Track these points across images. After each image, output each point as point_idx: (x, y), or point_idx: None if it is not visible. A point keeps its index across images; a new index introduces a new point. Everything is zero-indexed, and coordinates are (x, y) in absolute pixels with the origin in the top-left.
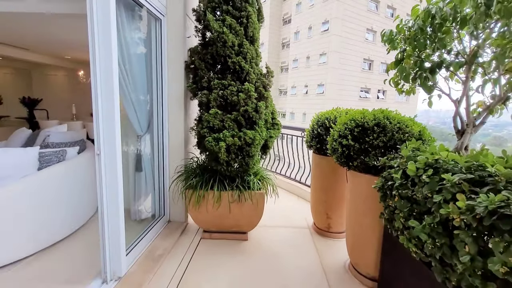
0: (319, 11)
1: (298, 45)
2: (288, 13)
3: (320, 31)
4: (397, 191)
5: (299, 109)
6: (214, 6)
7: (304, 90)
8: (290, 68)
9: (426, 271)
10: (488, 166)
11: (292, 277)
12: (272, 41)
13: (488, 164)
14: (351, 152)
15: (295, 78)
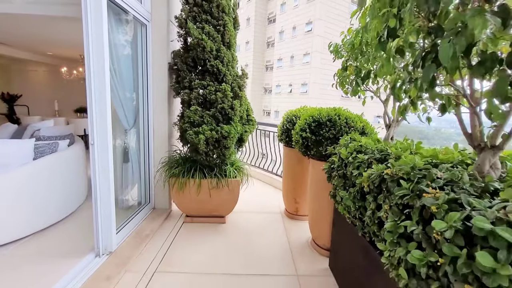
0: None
1: (283, 44)
2: (273, 13)
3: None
4: (336, 171)
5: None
6: (194, 15)
7: (288, 89)
8: (275, 67)
9: (355, 231)
10: (389, 149)
11: (263, 251)
12: (257, 40)
13: (389, 148)
14: (309, 143)
15: (279, 77)
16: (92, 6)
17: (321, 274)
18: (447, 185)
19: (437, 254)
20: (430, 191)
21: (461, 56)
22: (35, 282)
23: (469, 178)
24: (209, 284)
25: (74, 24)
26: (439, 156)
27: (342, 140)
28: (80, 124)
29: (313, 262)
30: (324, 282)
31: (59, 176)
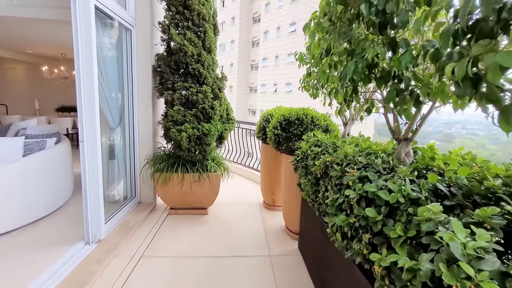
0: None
1: (268, 44)
2: (258, 12)
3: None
4: (299, 163)
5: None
6: (176, 22)
7: (273, 88)
8: (260, 66)
9: (314, 212)
10: (338, 142)
11: (242, 237)
12: (242, 39)
13: (339, 142)
14: (280, 139)
15: (264, 76)
16: (81, 14)
17: (291, 254)
18: (365, 167)
19: (354, 217)
20: (350, 171)
21: (366, 72)
22: (30, 267)
23: (381, 161)
24: (194, 265)
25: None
26: (373, 147)
27: (305, 136)
28: (63, 123)
29: (285, 245)
30: (293, 260)
31: (47, 172)
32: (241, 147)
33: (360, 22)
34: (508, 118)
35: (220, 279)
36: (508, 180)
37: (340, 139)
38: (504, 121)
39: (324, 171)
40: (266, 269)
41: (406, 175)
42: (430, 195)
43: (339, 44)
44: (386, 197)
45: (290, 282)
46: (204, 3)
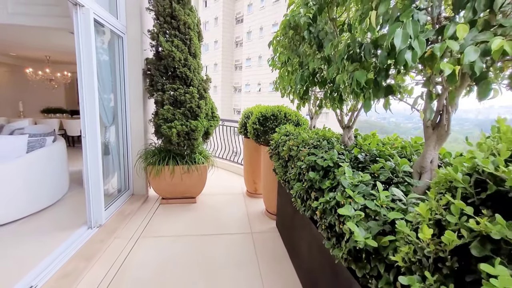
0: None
1: (251, 44)
2: (241, 13)
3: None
4: (273, 151)
5: None
6: (164, 31)
7: (257, 88)
8: (244, 66)
9: (286, 190)
10: (301, 131)
11: (227, 219)
12: (226, 39)
13: (301, 131)
14: (258, 132)
15: (248, 76)
16: (83, 26)
17: (269, 231)
18: (315, 147)
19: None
20: (303, 150)
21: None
22: (42, 247)
23: (326, 143)
24: (186, 242)
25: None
26: (327, 134)
27: (277, 129)
28: (49, 124)
29: (264, 224)
30: (271, 235)
31: (48, 167)
32: (227, 144)
33: (305, 43)
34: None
35: (209, 251)
36: (402, 150)
37: (304, 130)
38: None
39: (289, 155)
40: (248, 242)
41: (338, 150)
42: (352, 161)
43: (293, 57)
44: (321, 163)
45: (267, 251)
46: (189, 13)
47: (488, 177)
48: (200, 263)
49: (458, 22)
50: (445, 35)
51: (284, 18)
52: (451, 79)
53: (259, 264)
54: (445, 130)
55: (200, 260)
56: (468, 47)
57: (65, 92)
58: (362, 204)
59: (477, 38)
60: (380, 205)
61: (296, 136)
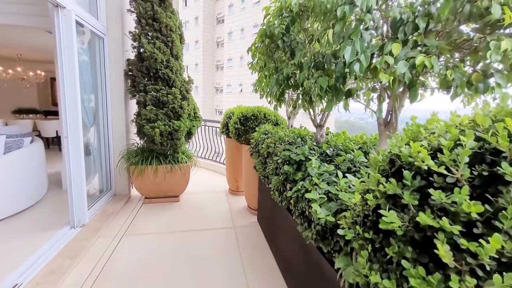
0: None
1: (232, 45)
2: (222, 13)
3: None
4: (254, 149)
5: None
6: (146, 33)
7: (239, 88)
8: (225, 67)
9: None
10: (279, 130)
11: (210, 216)
12: (207, 39)
13: (278, 130)
14: (240, 132)
15: (230, 77)
16: (64, 28)
17: (251, 225)
18: (290, 144)
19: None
20: (279, 146)
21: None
22: (26, 246)
23: (300, 140)
24: (170, 238)
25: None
26: (302, 133)
27: (257, 128)
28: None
29: (246, 219)
30: (253, 229)
31: (27, 168)
32: (209, 144)
33: (280, 51)
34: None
35: (193, 246)
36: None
37: (282, 129)
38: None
39: (268, 152)
40: (230, 236)
41: (310, 146)
42: (322, 155)
43: (270, 62)
44: (295, 157)
45: (249, 243)
46: (171, 16)
47: (395, 157)
48: (185, 256)
49: (396, 41)
50: (384, 51)
51: (261, 27)
52: (390, 86)
53: (241, 255)
54: (394, 127)
55: (185, 254)
56: (400, 61)
57: (38, 92)
58: (326, 190)
59: (408, 54)
60: (340, 190)
61: (274, 135)
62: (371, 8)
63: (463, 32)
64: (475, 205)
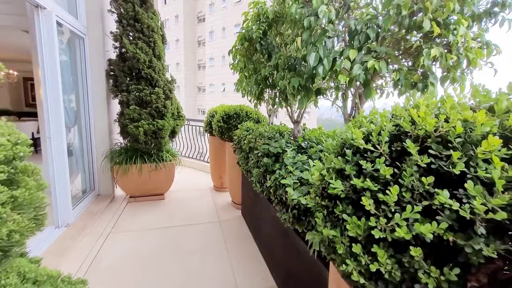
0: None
1: (214, 44)
2: (203, 12)
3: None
4: (236, 145)
5: None
6: (128, 33)
7: (221, 87)
8: (207, 66)
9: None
10: (260, 127)
11: (196, 212)
12: (188, 38)
13: (259, 127)
14: (223, 130)
15: (212, 76)
16: (45, 28)
17: (235, 219)
18: (269, 139)
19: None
20: (259, 141)
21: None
22: None
23: (278, 135)
24: (156, 234)
25: None
26: (281, 129)
27: (240, 126)
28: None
29: (231, 213)
30: (237, 222)
31: None
32: (193, 143)
33: (258, 53)
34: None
35: (179, 239)
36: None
37: (263, 126)
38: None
39: (250, 147)
40: (216, 229)
41: (287, 140)
42: (298, 148)
43: (249, 64)
44: (273, 150)
45: (234, 235)
46: (152, 17)
47: (344, 141)
48: (172, 249)
49: (353, 48)
50: (344, 56)
51: (240, 31)
52: (347, 85)
53: (227, 245)
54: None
55: (172, 247)
56: (356, 64)
57: (10, 92)
58: (299, 176)
59: (362, 59)
60: (311, 175)
61: (255, 131)
62: (332, 20)
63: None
64: (388, 170)
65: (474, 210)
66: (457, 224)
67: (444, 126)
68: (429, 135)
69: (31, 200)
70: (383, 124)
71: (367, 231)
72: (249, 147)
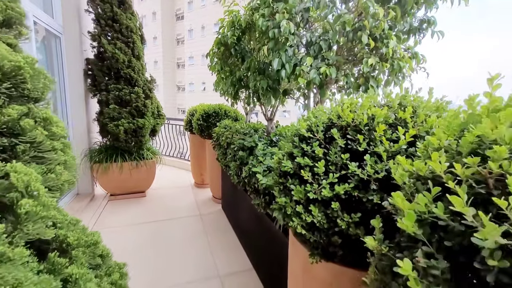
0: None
1: (193, 42)
2: (181, 9)
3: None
4: (215, 142)
5: None
6: (106, 33)
7: (202, 86)
8: (187, 65)
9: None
10: (237, 125)
11: (177, 207)
12: (166, 36)
13: (237, 124)
14: (202, 128)
15: (192, 75)
16: None
17: (216, 212)
18: (244, 134)
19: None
20: (235, 137)
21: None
22: None
23: (253, 131)
24: (139, 229)
25: None
26: (256, 126)
27: (218, 123)
28: None
29: (212, 207)
30: (218, 215)
31: None
32: (173, 142)
33: (233, 57)
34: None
35: (161, 233)
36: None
37: (240, 123)
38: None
39: (227, 143)
40: (197, 222)
41: (260, 135)
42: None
43: (225, 66)
44: (247, 144)
45: (214, 227)
46: (131, 18)
47: (298, 133)
48: (154, 241)
49: (310, 55)
50: (302, 62)
51: (217, 36)
52: (306, 87)
53: (207, 236)
54: None
55: (154, 239)
56: (312, 70)
57: None
58: (268, 165)
59: (318, 65)
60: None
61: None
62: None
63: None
64: (320, 150)
65: (369, 173)
66: (361, 184)
67: (357, 118)
68: (348, 125)
69: (72, 164)
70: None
71: (306, 195)
72: (226, 143)
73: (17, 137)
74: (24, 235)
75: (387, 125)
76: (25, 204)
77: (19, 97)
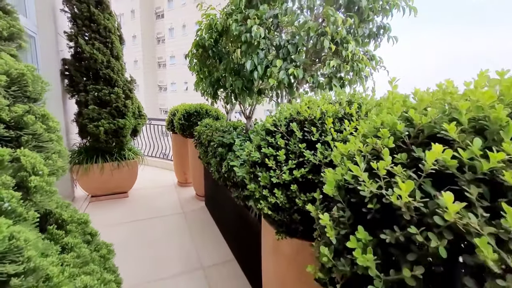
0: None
1: (174, 41)
2: (161, 8)
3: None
4: (197, 141)
5: None
6: (83, 33)
7: (184, 86)
8: (168, 64)
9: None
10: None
11: (161, 206)
12: (146, 35)
13: (217, 123)
14: (184, 127)
15: (174, 75)
16: None
17: (199, 209)
18: (224, 132)
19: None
20: (215, 135)
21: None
22: None
23: (233, 129)
24: (122, 228)
25: None
26: (236, 124)
27: (199, 122)
28: None
29: (195, 205)
30: (200, 212)
31: None
32: (155, 142)
33: (211, 58)
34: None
35: (145, 230)
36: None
37: (221, 122)
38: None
39: (208, 141)
40: (180, 219)
41: (238, 132)
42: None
43: (204, 67)
44: (226, 141)
45: (197, 223)
46: (109, 18)
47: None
48: (139, 240)
49: (279, 58)
50: (272, 64)
51: (195, 38)
52: (277, 87)
53: (191, 231)
54: None
55: (138, 238)
56: (281, 71)
57: None
58: (244, 159)
59: (286, 67)
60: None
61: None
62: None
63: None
64: (282, 141)
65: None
66: (314, 168)
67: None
68: (306, 119)
69: (65, 153)
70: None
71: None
72: (207, 141)
73: (21, 130)
74: (33, 204)
75: (338, 119)
76: (34, 180)
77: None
